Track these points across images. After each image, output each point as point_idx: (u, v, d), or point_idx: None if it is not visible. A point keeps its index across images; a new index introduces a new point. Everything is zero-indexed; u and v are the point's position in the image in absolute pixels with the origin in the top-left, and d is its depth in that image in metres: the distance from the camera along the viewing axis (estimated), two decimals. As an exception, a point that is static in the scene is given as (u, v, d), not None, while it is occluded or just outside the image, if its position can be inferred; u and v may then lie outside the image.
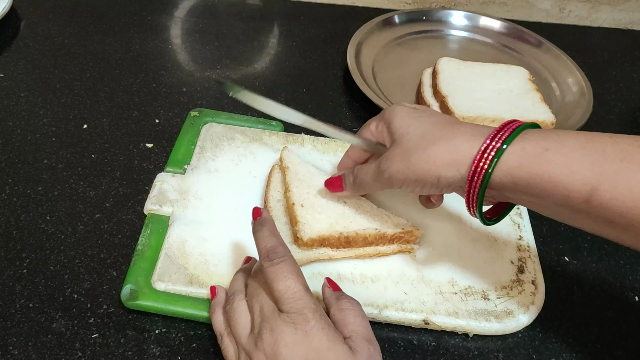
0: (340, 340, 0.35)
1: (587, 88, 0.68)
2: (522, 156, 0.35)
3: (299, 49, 0.74)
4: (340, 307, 0.38)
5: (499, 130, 0.37)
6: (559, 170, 0.34)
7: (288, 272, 0.37)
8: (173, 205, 0.49)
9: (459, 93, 0.64)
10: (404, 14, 0.78)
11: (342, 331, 0.37)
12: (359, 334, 0.36)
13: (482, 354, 0.43)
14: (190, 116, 0.58)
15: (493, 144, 0.36)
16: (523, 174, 0.35)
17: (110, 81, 0.65)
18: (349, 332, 0.36)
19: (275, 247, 0.38)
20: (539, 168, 0.35)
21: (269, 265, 0.37)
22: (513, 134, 0.36)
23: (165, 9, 0.79)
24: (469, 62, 0.69)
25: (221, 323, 0.40)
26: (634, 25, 0.89)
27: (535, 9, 0.87)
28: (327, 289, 0.41)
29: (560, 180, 0.34)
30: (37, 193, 0.51)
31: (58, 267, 0.46)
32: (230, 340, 0.39)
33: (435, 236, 0.49)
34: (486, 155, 0.36)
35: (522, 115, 0.61)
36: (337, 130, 0.46)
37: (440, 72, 0.67)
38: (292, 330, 0.35)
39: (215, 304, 0.41)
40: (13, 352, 0.40)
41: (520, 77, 0.68)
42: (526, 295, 0.46)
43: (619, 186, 0.32)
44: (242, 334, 0.37)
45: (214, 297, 0.42)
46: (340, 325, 0.37)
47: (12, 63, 0.66)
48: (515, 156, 0.36)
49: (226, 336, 0.39)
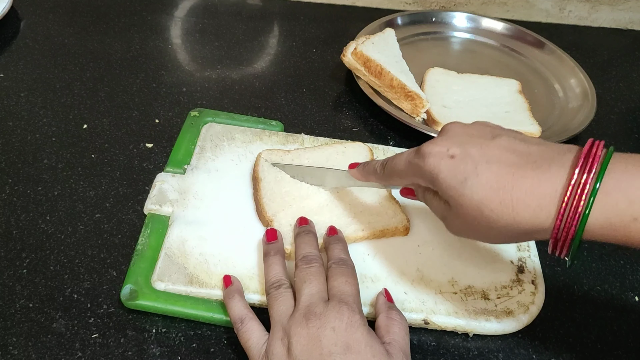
0: (379, 342, 0.37)
1: (590, 89, 0.68)
2: (609, 216, 0.30)
3: (299, 49, 0.74)
4: (390, 316, 0.40)
5: (584, 161, 0.31)
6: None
7: (349, 275, 0.41)
8: (173, 205, 0.49)
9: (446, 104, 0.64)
10: (407, 16, 0.78)
11: (383, 336, 0.39)
12: (398, 344, 0.38)
13: (482, 354, 0.43)
14: (190, 116, 0.58)
15: (583, 179, 0.31)
16: (611, 233, 0.31)
17: (110, 81, 0.65)
18: (389, 339, 0.38)
19: (342, 257, 0.43)
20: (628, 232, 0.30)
21: (336, 267, 0.41)
22: (602, 168, 0.31)
23: (165, 9, 0.79)
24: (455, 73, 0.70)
25: (242, 308, 0.41)
26: (634, 25, 0.89)
27: (535, 9, 0.87)
28: (382, 296, 0.43)
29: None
30: (37, 193, 0.51)
31: (58, 267, 0.46)
32: (254, 324, 0.40)
33: (435, 236, 0.49)
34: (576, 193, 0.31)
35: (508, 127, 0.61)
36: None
37: (427, 82, 0.68)
38: (339, 318, 0.37)
39: (233, 291, 0.42)
40: (13, 352, 0.40)
41: (509, 88, 0.68)
42: (526, 295, 0.46)
43: None
44: (284, 315, 0.39)
45: (230, 285, 0.43)
46: (383, 331, 0.39)
47: (12, 63, 0.66)
48: (601, 216, 0.30)
49: (249, 320, 0.40)
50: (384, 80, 0.63)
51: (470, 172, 0.33)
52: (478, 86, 0.68)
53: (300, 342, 0.36)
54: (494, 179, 0.33)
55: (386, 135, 0.62)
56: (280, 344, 0.37)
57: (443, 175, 0.35)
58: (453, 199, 0.34)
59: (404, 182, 0.41)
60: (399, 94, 0.63)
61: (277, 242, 0.45)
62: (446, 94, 0.66)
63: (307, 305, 0.38)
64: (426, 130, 0.60)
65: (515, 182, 0.32)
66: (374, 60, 0.63)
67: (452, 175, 0.34)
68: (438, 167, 0.35)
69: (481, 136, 0.36)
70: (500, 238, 0.35)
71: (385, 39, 0.69)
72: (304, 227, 0.46)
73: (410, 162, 0.37)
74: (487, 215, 0.33)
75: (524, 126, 0.62)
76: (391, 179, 0.41)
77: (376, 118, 0.64)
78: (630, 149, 0.64)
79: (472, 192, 0.33)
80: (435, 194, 0.38)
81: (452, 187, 0.34)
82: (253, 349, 0.38)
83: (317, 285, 0.40)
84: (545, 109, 0.68)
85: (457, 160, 0.34)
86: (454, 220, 0.36)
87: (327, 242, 0.45)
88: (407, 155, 0.38)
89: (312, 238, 0.45)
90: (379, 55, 0.65)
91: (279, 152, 0.54)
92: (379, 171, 0.42)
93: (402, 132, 0.62)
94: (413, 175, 0.38)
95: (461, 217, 0.35)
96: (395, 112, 0.62)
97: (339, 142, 0.57)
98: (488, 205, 0.32)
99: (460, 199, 0.34)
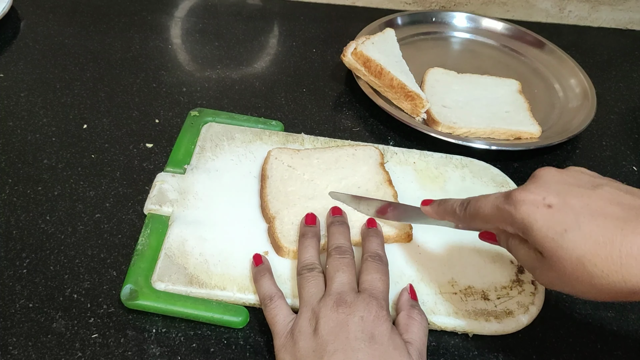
0: (401, 339, 0.38)
1: (590, 89, 0.68)
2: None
3: (299, 49, 0.74)
4: (411, 315, 0.41)
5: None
6: None
7: (383, 272, 0.42)
8: (173, 205, 0.49)
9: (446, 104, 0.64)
10: (407, 16, 0.78)
11: (403, 334, 0.39)
12: (416, 344, 0.39)
13: (482, 354, 0.43)
14: (190, 116, 0.58)
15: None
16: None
17: (110, 81, 0.65)
18: (408, 338, 0.39)
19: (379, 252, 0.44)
20: None
21: (372, 262, 0.42)
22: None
23: (165, 9, 0.79)
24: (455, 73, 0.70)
25: (271, 286, 0.42)
26: (634, 25, 0.89)
27: (535, 9, 0.87)
28: (406, 293, 0.43)
29: None
30: (37, 193, 0.51)
31: (58, 267, 0.46)
32: (283, 302, 0.41)
33: (435, 236, 0.49)
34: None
35: (508, 127, 0.61)
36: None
37: (427, 82, 0.67)
38: (368, 309, 0.38)
39: (263, 269, 0.43)
40: (13, 352, 0.40)
41: (509, 88, 0.68)
42: (526, 295, 0.46)
43: None
44: (314, 297, 0.40)
45: (260, 263, 0.44)
46: (402, 329, 0.40)
47: (12, 63, 0.66)
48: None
49: (277, 299, 0.41)
50: (384, 80, 0.63)
51: (571, 223, 0.32)
52: (478, 86, 0.68)
53: (328, 324, 0.37)
54: (600, 233, 0.31)
55: (386, 135, 0.62)
56: (307, 324, 0.38)
57: (539, 225, 0.33)
58: (549, 251, 0.33)
59: (488, 226, 0.39)
60: (399, 94, 0.63)
61: (315, 226, 0.46)
62: (446, 94, 0.66)
63: (338, 292, 0.39)
64: (426, 131, 0.60)
65: (624, 237, 0.30)
66: (374, 60, 0.63)
67: (549, 225, 0.33)
68: (533, 217, 0.33)
69: (580, 185, 0.34)
70: (602, 295, 0.32)
71: (385, 39, 0.69)
72: (338, 217, 0.47)
73: (500, 207, 0.36)
74: (590, 270, 0.31)
75: (524, 126, 0.62)
76: (473, 222, 0.39)
77: (376, 118, 0.64)
78: (630, 149, 0.65)
79: (574, 245, 0.32)
80: (523, 241, 0.36)
81: (550, 239, 0.32)
82: (279, 324, 0.40)
83: (348, 276, 0.41)
84: (545, 109, 0.68)
85: (554, 211, 0.33)
86: (547, 272, 0.34)
87: (365, 234, 0.46)
88: (495, 199, 0.36)
89: (346, 229, 0.46)
90: (379, 55, 0.65)
91: (289, 151, 0.54)
92: (458, 212, 0.40)
93: (402, 132, 0.62)
94: (501, 222, 0.36)
95: (557, 271, 0.33)
96: (395, 112, 0.62)
97: (352, 143, 0.57)
98: (591, 260, 0.31)
99: (559, 251, 0.32)
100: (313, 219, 0.46)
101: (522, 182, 0.38)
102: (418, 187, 0.54)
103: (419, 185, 0.54)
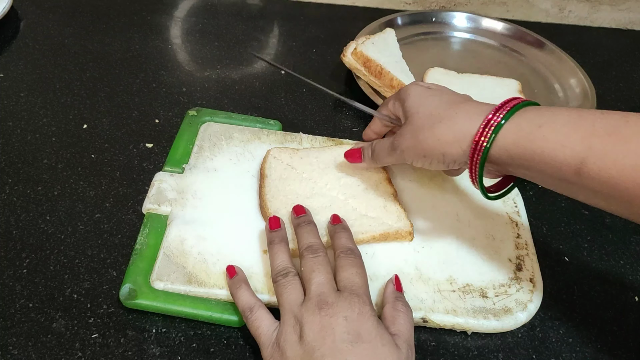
0: (388, 332, 0.38)
1: (590, 89, 0.68)
2: (518, 132, 0.38)
3: (299, 49, 0.75)
4: (396, 307, 0.41)
5: (498, 108, 0.39)
6: (551, 145, 0.36)
7: (358, 265, 0.42)
8: (171, 204, 0.49)
9: None
10: (407, 16, 0.78)
11: (389, 327, 0.39)
12: (403, 335, 0.39)
13: (481, 354, 0.43)
14: (189, 115, 0.58)
15: (492, 121, 0.39)
16: (519, 150, 0.38)
17: (110, 81, 0.65)
18: (395, 331, 0.39)
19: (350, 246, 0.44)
20: (532, 144, 0.37)
21: (345, 257, 0.42)
22: (511, 111, 0.39)
23: (165, 9, 0.79)
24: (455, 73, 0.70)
25: (249, 297, 0.41)
26: (634, 25, 0.89)
27: (535, 9, 0.87)
28: (391, 285, 0.44)
29: (552, 154, 0.36)
30: (37, 193, 0.51)
31: (58, 267, 0.46)
32: (263, 312, 0.40)
33: (433, 234, 0.49)
34: (485, 132, 0.39)
35: None
36: (363, 106, 0.53)
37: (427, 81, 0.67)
38: (351, 308, 0.38)
39: (239, 280, 0.43)
40: (13, 352, 0.40)
41: (509, 88, 0.68)
42: (524, 293, 0.46)
43: (605, 158, 0.34)
44: (295, 303, 0.39)
45: (234, 275, 0.43)
46: (388, 322, 0.40)
47: (12, 63, 0.66)
48: (511, 133, 0.38)
49: (258, 308, 0.40)
50: (384, 80, 0.63)
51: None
52: (478, 86, 0.68)
53: (312, 330, 0.37)
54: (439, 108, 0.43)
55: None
56: (292, 331, 0.38)
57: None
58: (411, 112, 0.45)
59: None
60: (398, 94, 0.63)
61: (280, 230, 0.45)
62: None
63: (318, 294, 0.39)
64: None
65: (449, 114, 0.42)
66: (374, 60, 0.63)
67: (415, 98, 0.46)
68: None
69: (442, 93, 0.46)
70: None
71: (385, 39, 0.69)
72: (303, 217, 0.46)
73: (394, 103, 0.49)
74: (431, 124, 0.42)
75: None
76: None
77: (376, 118, 0.64)
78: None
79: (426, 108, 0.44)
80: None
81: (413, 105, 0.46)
82: (264, 336, 0.39)
83: (325, 275, 0.40)
84: (545, 108, 0.68)
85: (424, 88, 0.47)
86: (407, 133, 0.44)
87: (332, 231, 0.46)
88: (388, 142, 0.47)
89: (314, 228, 0.45)
90: (379, 55, 0.65)
91: (288, 150, 0.54)
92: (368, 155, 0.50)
93: (402, 132, 0.62)
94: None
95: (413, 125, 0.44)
96: (395, 112, 0.62)
97: (350, 142, 0.57)
98: (433, 116, 0.42)
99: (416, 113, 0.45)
100: (277, 223, 0.46)
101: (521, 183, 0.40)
102: (417, 186, 0.54)
103: (418, 183, 0.54)
